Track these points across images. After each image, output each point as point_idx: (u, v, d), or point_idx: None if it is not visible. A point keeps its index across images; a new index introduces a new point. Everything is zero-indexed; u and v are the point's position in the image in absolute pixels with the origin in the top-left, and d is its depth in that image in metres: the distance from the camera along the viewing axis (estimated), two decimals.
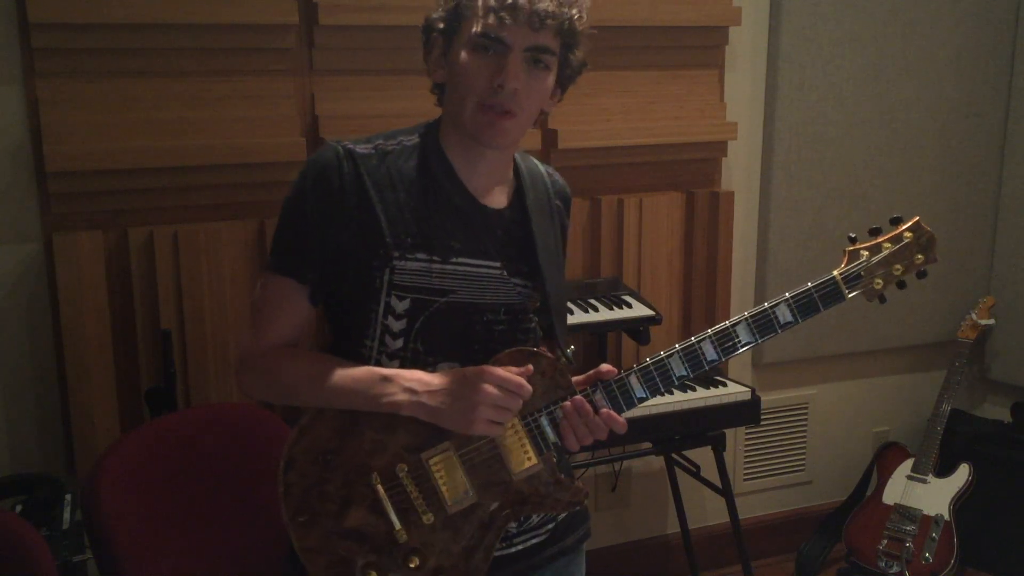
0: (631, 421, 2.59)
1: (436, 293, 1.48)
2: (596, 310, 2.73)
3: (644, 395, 1.50)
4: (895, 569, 3.11)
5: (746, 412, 2.84)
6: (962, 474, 3.21)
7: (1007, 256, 3.56)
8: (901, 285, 1.54)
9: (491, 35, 1.41)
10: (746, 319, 1.49)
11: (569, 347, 1.58)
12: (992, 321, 3.45)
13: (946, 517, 3.15)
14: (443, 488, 1.46)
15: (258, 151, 2.48)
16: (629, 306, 2.77)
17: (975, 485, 3.19)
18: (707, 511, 3.35)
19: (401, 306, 1.47)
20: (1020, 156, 3.49)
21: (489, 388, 1.41)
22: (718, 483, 2.94)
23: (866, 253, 1.52)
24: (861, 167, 3.30)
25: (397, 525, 1.45)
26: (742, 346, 1.49)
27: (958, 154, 3.46)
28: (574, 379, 1.52)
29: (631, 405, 1.50)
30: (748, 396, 2.82)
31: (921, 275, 1.55)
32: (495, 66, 1.42)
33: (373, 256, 1.46)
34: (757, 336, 1.50)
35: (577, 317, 2.68)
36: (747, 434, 3.39)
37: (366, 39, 2.58)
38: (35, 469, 2.41)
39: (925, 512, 3.18)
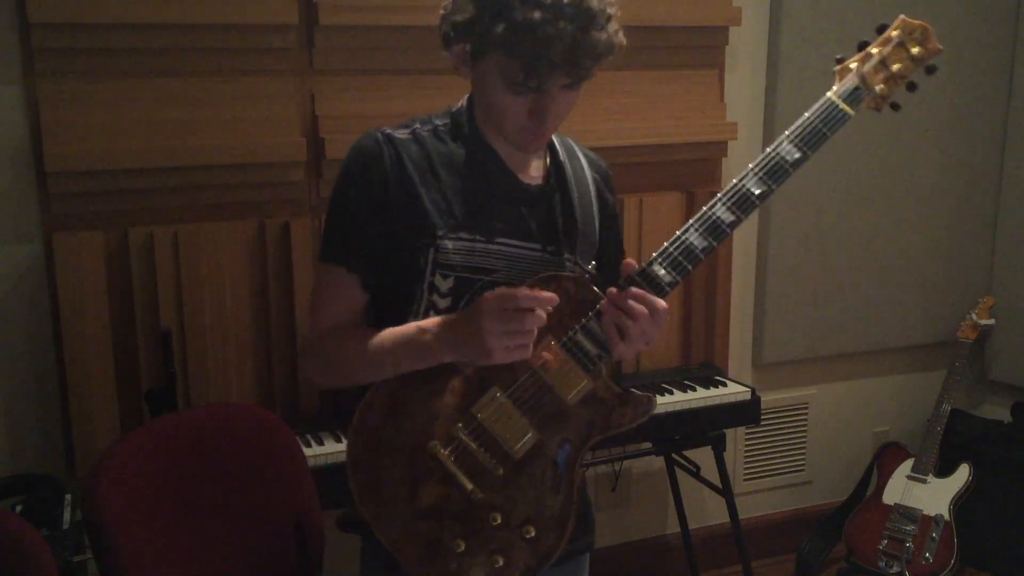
0: None
1: (481, 271, 1.48)
2: None
3: (672, 278, 1.43)
4: (895, 569, 3.11)
5: (746, 412, 2.84)
6: (962, 474, 3.21)
7: (1007, 256, 3.56)
8: (911, 87, 1.43)
9: (531, 85, 1.38)
10: (752, 170, 1.43)
11: (591, 263, 1.56)
12: (992, 321, 3.45)
13: (946, 517, 3.15)
14: (503, 435, 1.44)
15: (258, 151, 2.48)
16: None
17: (975, 485, 3.19)
18: (707, 511, 3.35)
19: (445, 285, 1.47)
20: (1020, 156, 3.49)
21: (489, 322, 1.36)
22: (718, 483, 2.94)
23: (855, 65, 1.42)
24: (861, 167, 3.30)
25: (469, 486, 1.43)
26: (757, 198, 1.42)
27: (958, 154, 3.46)
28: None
29: (662, 293, 1.43)
30: (748, 396, 2.82)
31: (930, 70, 1.42)
32: (533, 104, 1.41)
33: (418, 237, 1.46)
34: (770, 183, 1.44)
35: None
36: (747, 434, 3.39)
37: (366, 39, 2.58)
38: (35, 469, 2.41)
39: (925, 512, 3.18)
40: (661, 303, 1.41)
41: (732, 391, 2.82)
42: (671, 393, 2.78)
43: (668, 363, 3.07)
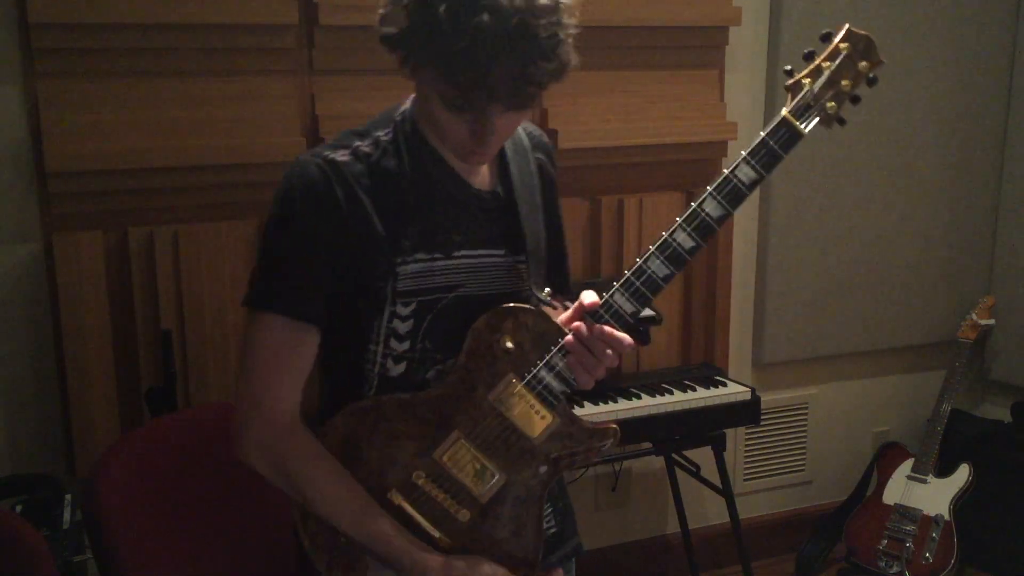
0: (631, 422, 2.63)
1: (442, 290, 1.41)
2: None
3: (635, 308, 1.39)
4: (895, 569, 3.11)
5: (746, 412, 2.84)
6: (962, 474, 3.21)
7: (1007, 256, 3.56)
8: (855, 100, 1.43)
9: (469, 110, 1.29)
10: (711, 193, 1.38)
11: (544, 289, 1.49)
12: (992, 321, 3.45)
13: (946, 517, 3.15)
14: (467, 480, 1.40)
15: (258, 151, 2.48)
16: None
17: (975, 485, 3.19)
18: (707, 511, 3.35)
19: (406, 310, 1.40)
20: (1020, 156, 3.49)
21: None
22: (718, 483, 2.94)
23: (808, 81, 1.40)
24: (861, 167, 3.30)
25: (436, 534, 1.40)
26: (715, 221, 1.38)
27: (958, 154, 3.46)
28: (561, 317, 1.45)
29: (625, 325, 1.40)
30: (748, 396, 2.82)
31: (871, 82, 1.42)
32: (474, 124, 1.32)
33: (376, 268, 1.37)
34: (728, 207, 1.37)
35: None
36: (747, 434, 3.39)
37: (366, 39, 2.55)
38: (35, 469, 2.41)
39: (925, 512, 3.18)
40: (628, 340, 1.38)
41: (732, 391, 2.82)
42: (671, 393, 2.78)
43: (668, 363, 3.06)
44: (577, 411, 1.55)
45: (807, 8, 3.11)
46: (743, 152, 1.38)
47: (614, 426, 1.45)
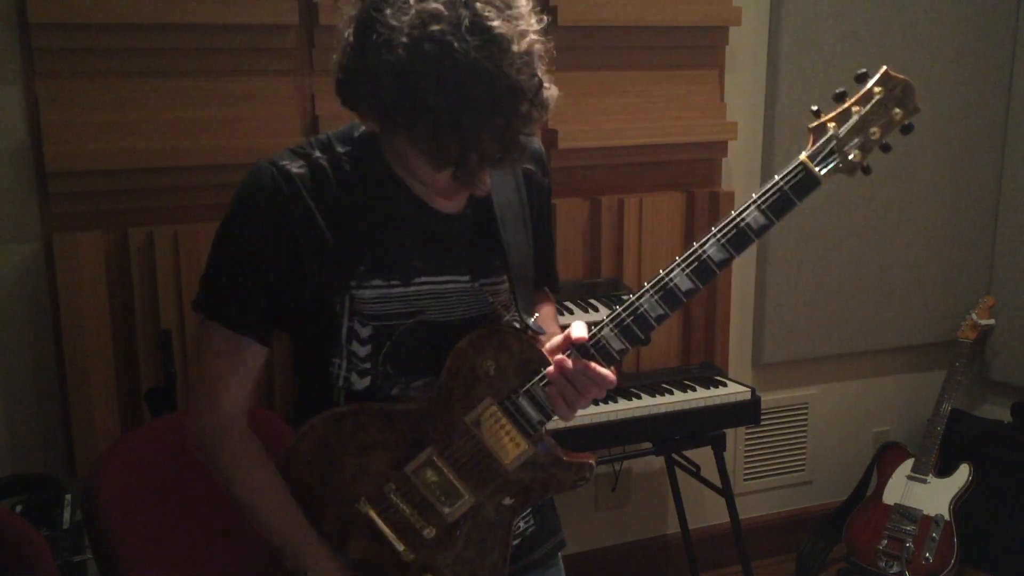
0: (631, 422, 2.63)
1: (401, 316, 1.37)
2: (596, 310, 2.73)
3: (624, 347, 1.35)
4: (895, 569, 3.11)
5: (746, 412, 2.84)
6: (962, 474, 3.21)
7: (1007, 256, 3.56)
8: (885, 148, 1.35)
9: (455, 166, 1.25)
10: (716, 237, 1.33)
11: (533, 316, 1.46)
12: (992, 321, 3.45)
13: (946, 517, 3.15)
14: (436, 498, 1.39)
15: (258, 151, 2.44)
16: None
17: (975, 485, 3.19)
18: (707, 511, 3.35)
19: (364, 331, 1.36)
20: (1020, 156, 3.49)
21: None
22: (718, 483, 2.94)
23: (832, 125, 1.33)
24: None
25: (400, 547, 1.39)
26: (717, 265, 1.33)
27: (958, 154, 3.46)
28: (547, 346, 1.41)
29: (612, 361, 1.36)
30: (748, 396, 2.82)
31: (906, 130, 1.33)
32: (463, 180, 1.27)
33: (328, 284, 1.34)
34: (732, 251, 1.33)
35: (576, 317, 2.68)
36: (747, 434, 3.39)
37: None
38: (35, 469, 2.41)
39: (925, 512, 3.18)
40: (611, 378, 1.35)
41: (732, 391, 2.82)
42: (671, 393, 2.78)
43: (668, 363, 3.06)
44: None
45: (807, 8, 3.11)
46: (753, 195, 1.33)
47: (591, 461, 1.44)
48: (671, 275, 1.35)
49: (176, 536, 1.88)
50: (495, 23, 1.17)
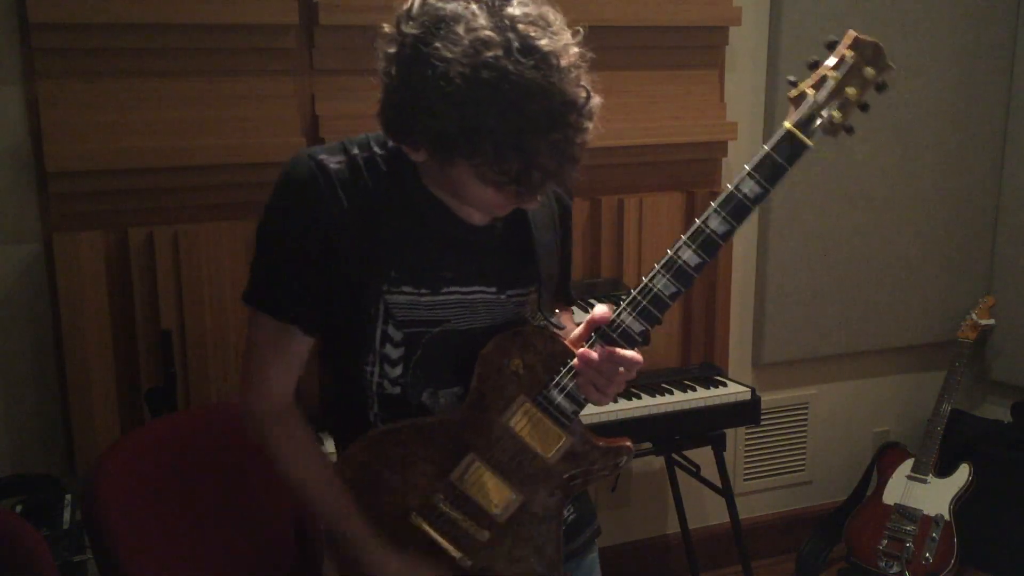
0: (631, 422, 2.63)
1: (428, 324, 1.41)
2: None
3: (643, 327, 1.39)
4: (895, 569, 3.11)
5: (746, 412, 2.84)
6: (962, 474, 3.21)
7: (1007, 256, 3.56)
8: (864, 108, 1.41)
9: (515, 186, 1.25)
10: (715, 209, 1.38)
11: (554, 312, 1.50)
12: (992, 321, 3.45)
13: (946, 517, 3.15)
14: (484, 501, 1.43)
15: (258, 151, 2.48)
16: None
17: (975, 485, 3.19)
18: (707, 511, 3.35)
19: (398, 335, 1.40)
20: (1020, 156, 3.49)
21: None
22: (718, 483, 2.94)
23: (811, 91, 1.39)
24: (861, 167, 3.30)
25: (457, 554, 1.42)
26: (720, 237, 1.38)
27: (958, 154, 3.46)
28: (571, 336, 1.45)
29: (634, 344, 1.40)
30: (748, 396, 2.82)
31: (880, 88, 1.40)
32: (520, 196, 1.29)
33: (362, 285, 1.37)
34: (733, 222, 1.38)
35: (577, 317, 2.68)
36: (747, 434, 3.39)
37: (366, 39, 2.57)
38: (35, 469, 2.41)
39: (925, 512, 3.18)
40: (638, 358, 1.38)
41: (732, 391, 2.82)
42: (671, 393, 2.78)
43: (668, 363, 3.07)
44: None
45: (807, 8, 3.11)
46: (746, 166, 1.37)
47: (627, 444, 1.47)
48: (679, 253, 1.39)
49: (176, 536, 1.88)
50: (542, 42, 1.21)
